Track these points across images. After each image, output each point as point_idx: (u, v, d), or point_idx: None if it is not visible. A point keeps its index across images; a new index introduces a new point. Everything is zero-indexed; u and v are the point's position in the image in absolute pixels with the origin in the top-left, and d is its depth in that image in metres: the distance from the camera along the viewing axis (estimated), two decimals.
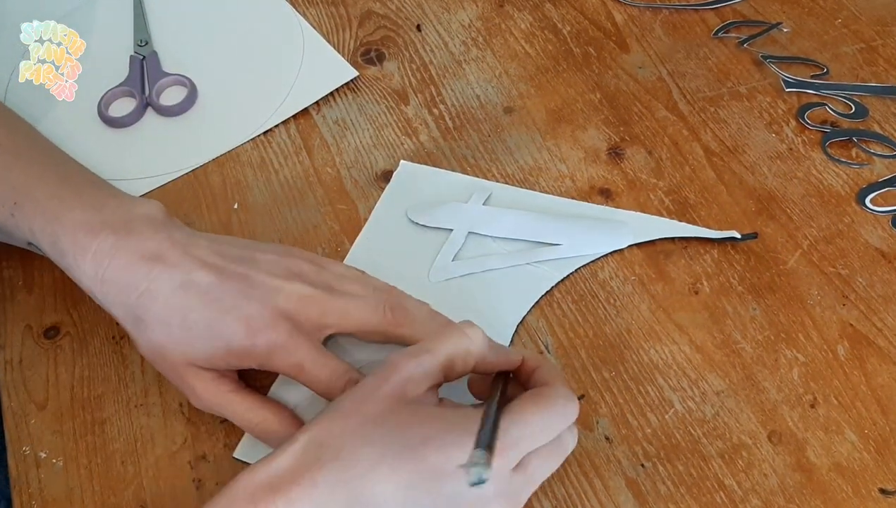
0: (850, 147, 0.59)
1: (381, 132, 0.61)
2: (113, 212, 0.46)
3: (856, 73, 0.62)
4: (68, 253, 0.46)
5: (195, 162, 0.61)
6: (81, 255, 0.45)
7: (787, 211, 0.56)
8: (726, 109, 0.61)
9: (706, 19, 0.67)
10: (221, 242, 0.47)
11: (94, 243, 0.45)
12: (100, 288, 0.45)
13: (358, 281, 0.48)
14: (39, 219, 0.47)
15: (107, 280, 0.45)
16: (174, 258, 0.45)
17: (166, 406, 0.50)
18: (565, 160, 0.59)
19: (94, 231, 0.45)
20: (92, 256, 0.45)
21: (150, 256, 0.45)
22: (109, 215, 0.46)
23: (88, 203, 0.47)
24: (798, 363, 0.50)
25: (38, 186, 0.48)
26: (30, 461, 0.48)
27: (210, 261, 0.45)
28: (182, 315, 0.44)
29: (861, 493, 0.45)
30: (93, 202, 0.47)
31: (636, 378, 0.49)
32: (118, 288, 0.45)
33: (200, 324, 0.44)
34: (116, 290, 0.45)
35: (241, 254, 0.46)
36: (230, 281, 0.44)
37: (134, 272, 0.44)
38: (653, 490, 0.46)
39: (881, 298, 0.52)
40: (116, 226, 0.45)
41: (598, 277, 0.54)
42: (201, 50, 0.67)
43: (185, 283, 0.44)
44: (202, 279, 0.44)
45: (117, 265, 0.45)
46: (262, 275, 0.45)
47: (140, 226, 0.46)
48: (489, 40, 0.67)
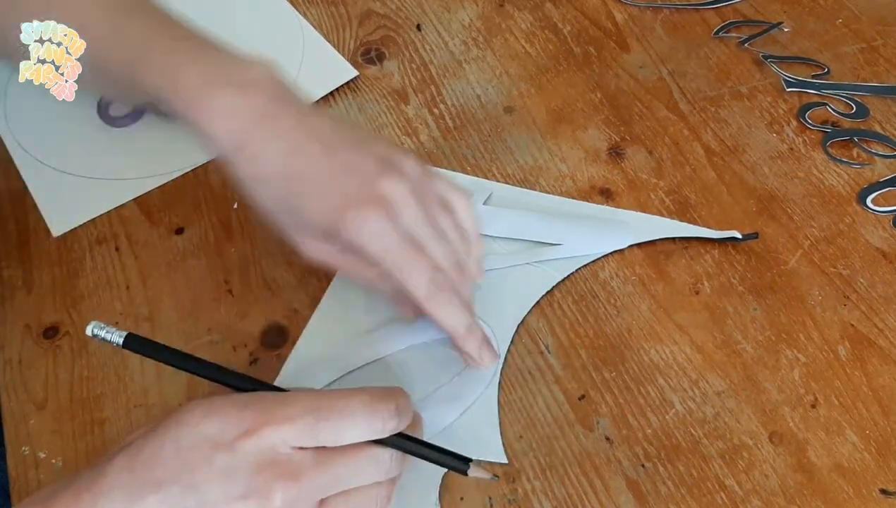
0: (851, 147, 0.59)
1: (382, 132, 0.61)
2: (232, 69, 0.47)
3: (857, 73, 0.62)
4: (188, 109, 0.46)
5: (195, 161, 0.61)
6: (200, 111, 0.46)
7: (788, 211, 0.55)
8: (727, 109, 0.61)
9: (707, 19, 0.67)
10: (333, 119, 0.48)
11: (213, 100, 0.46)
12: (212, 142, 0.46)
13: None
14: (159, 77, 0.47)
15: (220, 136, 0.46)
16: (288, 125, 0.46)
17: (166, 406, 0.50)
18: (566, 160, 0.59)
19: (214, 88, 0.46)
20: (210, 112, 0.46)
21: (266, 118, 0.46)
22: (228, 73, 0.47)
23: (208, 59, 0.48)
24: (799, 363, 0.49)
25: (156, 44, 0.48)
26: (29, 461, 0.48)
27: (321, 135, 0.46)
28: (286, 179, 0.45)
29: (862, 494, 0.45)
30: (211, 59, 0.48)
31: (637, 378, 0.49)
32: (231, 144, 0.46)
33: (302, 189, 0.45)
34: (230, 147, 0.46)
35: (351, 136, 0.47)
36: (336, 157, 0.45)
37: (247, 132, 0.46)
38: (653, 491, 0.46)
39: (882, 298, 0.51)
40: (237, 84, 0.46)
41: (598, 277, 0.54)
42: None
43: (293, 151, 0.45)
44: (310, 150, 0.45)
45: (233, 123, 0.46)
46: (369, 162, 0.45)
47: (259, 86, 0.47)
48: (489, 40, 0.67)
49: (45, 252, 0.57)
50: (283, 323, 0.53)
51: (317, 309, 0.53)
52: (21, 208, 0.59)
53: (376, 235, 0.44)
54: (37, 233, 0.58)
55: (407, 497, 0.45)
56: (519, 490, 0.46)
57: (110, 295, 0.55)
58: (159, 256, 0.56)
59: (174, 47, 0.48)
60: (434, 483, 0.46)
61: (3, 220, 0.59)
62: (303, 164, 0.45)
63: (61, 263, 0.56)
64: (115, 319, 0.53)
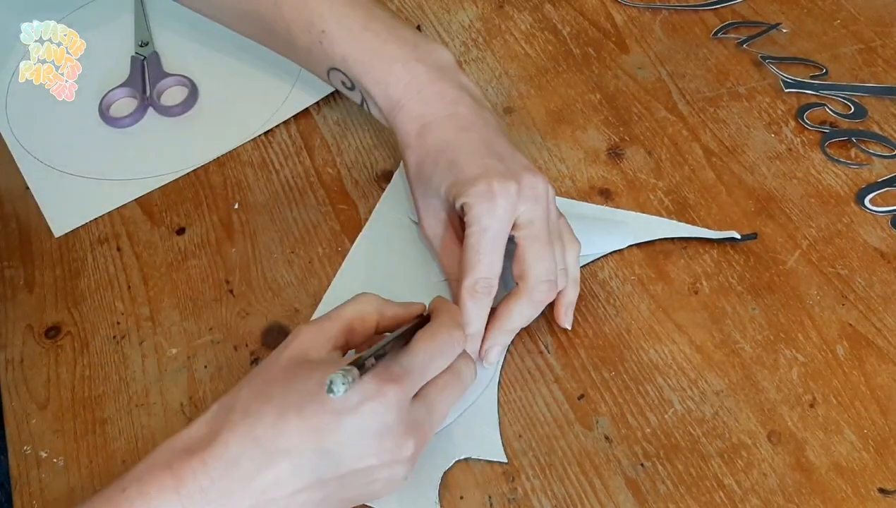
0: (850, 147, 0.59)
1: (382, 132, 0.61)
2: (425, 51, 0.52)
3: (855, 74, 0.62)
4: (381, 80, 0.52)
5: (196, 162, 0.61)
6: (395, 84, 0.51)
7: (787, 211, 0.56)
8: (726, 110, 0.61)
9: (705, 20, 0.67)
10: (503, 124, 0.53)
11: (409, 76, 0.51)
12: (398, 113, 0.51)
13: None
14: (353, 49, 0.52)
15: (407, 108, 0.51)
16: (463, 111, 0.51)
17: (167, 405, 0.50)
18: (565, 160, 0.59)
19: (410, 65, 0.51)
20: (404, 86, 0.51)
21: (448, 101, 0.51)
22: (423, 54, 0.52)
23: (402, 38, 0.52)
24: (797, 363, 0.50)
25: (349, 15, 0.52)
26: (31, 460, 0.49)
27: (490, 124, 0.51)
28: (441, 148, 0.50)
29: (860, 493, 0.45)
30: (405, 38, 0.52)
31: (636, 377, 0.50)
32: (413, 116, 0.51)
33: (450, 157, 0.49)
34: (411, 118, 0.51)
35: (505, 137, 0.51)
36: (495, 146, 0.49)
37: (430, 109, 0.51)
38: (652, 490, 0.46)
39: (880, 298, 0.52)
40: (429, 66, 0.51)
41: (597, 277, 0.54)
42: (202, 50, 0.67)
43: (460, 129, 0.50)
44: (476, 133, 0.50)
45: (421, 99, 0.51)
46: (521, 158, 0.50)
47: (447, 72, 0.52)
48: (489, 41, 0.67)
49: (46, 252, 0.57)
50: (284, 323, 0.53)
51: (317, 309, 0.53)
52: (23, 208, 0.60)
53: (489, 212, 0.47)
54: (38, 234, 0.58)
55: (407, 496, 0.46)
56: (518, 489, 0.46)
57: (112, 295, 0.55)
58: (160, 256, 0.56)
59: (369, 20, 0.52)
60: (434, 483, 0.46)
61: (4, 220, 0.59)
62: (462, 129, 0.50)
63: (63, 263, 0.56)
64: (116, 319, 0.54)
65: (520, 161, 0.49)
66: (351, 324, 0.44)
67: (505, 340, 0.50)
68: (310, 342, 0.42)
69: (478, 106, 0.51)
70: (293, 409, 0.39)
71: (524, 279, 0.48)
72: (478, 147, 0.49)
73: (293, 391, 0.40)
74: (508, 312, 0.48)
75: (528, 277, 0.48)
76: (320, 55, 0.53)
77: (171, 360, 0.52)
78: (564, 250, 0.50)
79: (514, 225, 0.48)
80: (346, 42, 0.52)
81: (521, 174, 0.48)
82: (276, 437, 0.39)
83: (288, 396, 0.40)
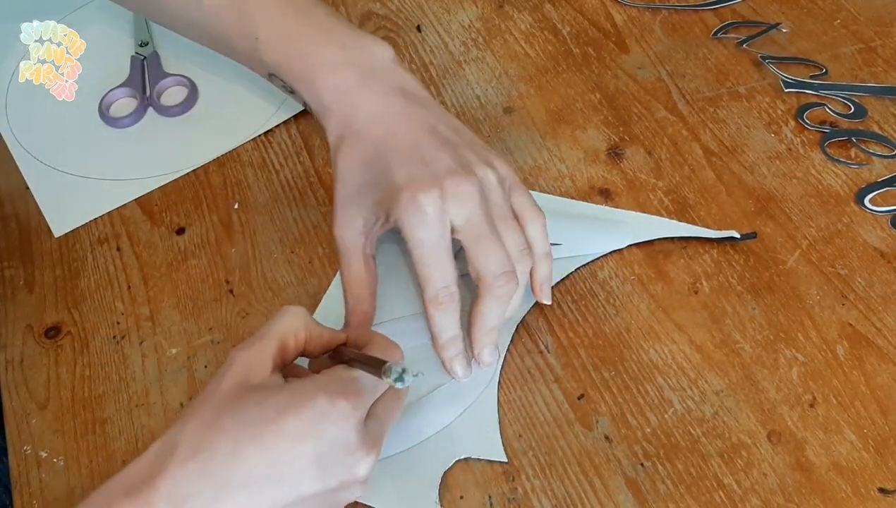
0: (849, 147, 0.59)
1: None
2: (356, 52, 0.51)
3: (855, 74, 0.62)
4: (311, 86, 0.51)
5: (196, 162, 0.61)
6: (322, 89, 0.50)
7: (787, 211, 0.56)
8: (725, 110, 0.61)
9: (705, 20, 0.67)
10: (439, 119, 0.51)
11: (337, 79, 0.50)
12: (327, 117, 0.51)
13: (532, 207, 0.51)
14: (285, 55, 0.52)
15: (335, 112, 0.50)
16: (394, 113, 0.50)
17: (167, 405, 0.50)
18: (565, 160, 0.59)
19: (338, 68, 0.51)
20: (332, 90, 0.50)
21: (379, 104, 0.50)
22: (353, 55, 0.51)
23: (333, 41, 0.52)
24: (797, 363, 0.50)
25: (282, 21, 0.52)
26: (31, 460, 0.49)
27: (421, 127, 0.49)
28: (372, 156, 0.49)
29: (860, 493, 0.45)
30: (336, 40, 0.52)
31: (636, 377, 0.50)
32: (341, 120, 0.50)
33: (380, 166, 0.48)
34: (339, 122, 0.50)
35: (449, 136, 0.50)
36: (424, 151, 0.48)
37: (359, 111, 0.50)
38: (652, 490, 0.46)
39: (880, 298, 0.52)
40: (359, 67, 0.51)
41: (597, 277, 0.54)
42: (202, 50, 0.67)
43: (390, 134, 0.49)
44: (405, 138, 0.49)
45: (349, 102, 0.50)
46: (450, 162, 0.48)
47: (379, 72, 0.51)
48: (489, 41, 0.67)
49: (46, 252, 0.57)
50: None
51: (317, 310, 0.53)
52: (23, 208, 0.60)
53: (420, 225, 0.46)
54: (38, 234, 0.58)
55: (407, 496, 0.46)
56: (518, 488, 0.46)
57: (112, 295, 0.55)
58: (160, 256, 0.56)
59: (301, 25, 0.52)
60: (434, 483, 0.46)
61: (4, 220, 0.59)
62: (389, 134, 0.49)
63: (63, 263, 0.57)
64: (116, 319, 0.54)
65: (444, 162, 0.48)
66: (284, 341, 0.42)
67: (490, 339, 0.49)
68: (249, 367, 0.41)
69: (409, 103, 0.50)
70: (249, 439, 0.38)
71: (480, 279, 0.47)
72: (403, 153, 0.48)
73: (247, 420, 0.38)
74: (480, 314, 0.48)
75: (482, 276, 0.47)
76: (257, 62, 0.53)
77: (171, 360, 0.52)
78: (525, 227, 0.49)
79: (452, 229, 0.47)
80: (279, 49, 0.52)
81: (442, 178, 0.47)
82: (232, 470, 0.37)
83: (243, 426, 0.38)
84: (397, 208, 0.47)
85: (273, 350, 0.42)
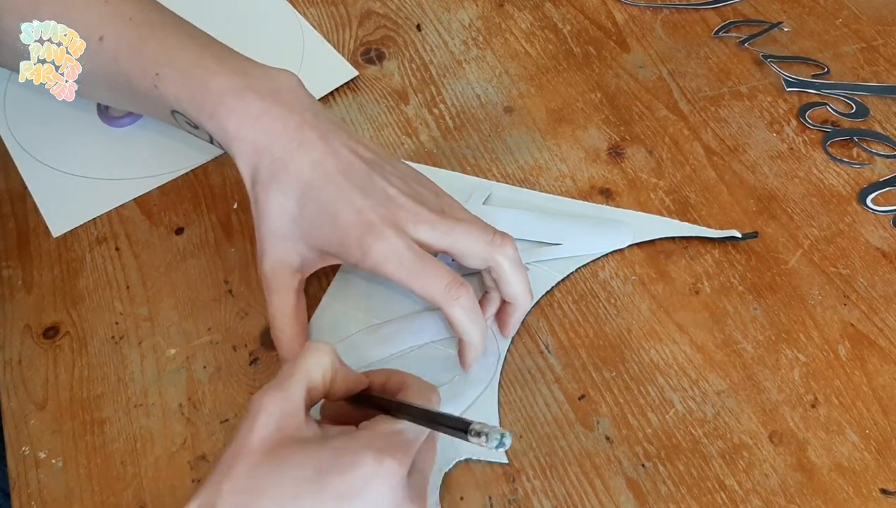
0: (851, 146, 0.59)
1: (382, 132, 0.61)
2: (257, 78, 0.49)
3: (857, 73, 0.62)
4: (215, 114, 0.48)
5: (196, 162, 0.61)
6: (226, 116, 0.47)
7: (788, 210, 0.55)
8: (727, 109, 0.61)
9: (707, 19, 0.67)
10: (357, 141, 0.49)
11: (241, 105, 0.47)
12: (237, 145, 0.48)
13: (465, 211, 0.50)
14: (185, 87, 0.49)
15: (245, 139, 0.47)
16: (312, 138, 0.47)
17: (166, 406, 0.50)
18: (566, 160, 0.59)
19: (240, 94, 0.48)
20: (237, 116, 0.47)
21: (291, 128, 0.47)
22: (254, 81, 0.49)
23: (232, 69, 0.49)
24: (799, 363, 0.49)
25: (180, 56, 0.50)
26: (29, 461, 0.48)
27: (342, 153, 0.47)
28: (303, 190, 0.46)
29: (862, 493, 0.45)
30: (236, 68, 0.49)
31: (637, 378, 0.49)
32: (254, 148, 0.47)
33: (316, 203, 0.46)
34: (252, 150, 0.47)
35: (372, 158, 0.48)
36: (355, 177, 0.47)
37: (272, 139, 0.47)
38: (653, 491, 0.46)
39: (882, 298, 0.51)
40: (263, 92, 0.48)
41: (598, 277, 0.54)
42: None
43: (315, 163, 0.46)
44: (331, 165, 0.46)
45: (259, 128, 0.47)
46: (385, 184, 0.47)
47: (284, 96, 0.48)
48: (489, 40, 0.67)
49: (45, 252, 0.57)
50: None
51: (316, 310, 0.53)
52: (21, 208, 0.59)
53: (386, 257, 0.45)
54: (37, 233, 0.58)
55: None
56: (519, 489, 0.46)
57: (110, 295, 0.55)
58: (159, 256, 0.56)
59: (200, 56, 0.49)
60: (435, 484, 0.46)
61: (3, 220, 0.59)
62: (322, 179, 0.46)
63: (61, 263, 0.56)
64: (114, 319, 0.53)
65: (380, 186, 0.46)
66: (312, 383, 0.40)
67: None
68: (280, 416, 0.38)
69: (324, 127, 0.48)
70: (291, 502, 0.36)
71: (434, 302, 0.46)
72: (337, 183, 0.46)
73: (287, 480, 0.36)
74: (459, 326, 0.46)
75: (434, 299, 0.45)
76: (158, 100, 0.50)
77: (169, 361, 0.52)
78: None
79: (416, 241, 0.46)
80: (178, 81, 0.49)
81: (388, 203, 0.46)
82: None
83: (283, 487, 0.36)
84: (355, 249, 0.45)
85: (302, 393, 0.39)
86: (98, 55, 0.51)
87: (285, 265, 0.48)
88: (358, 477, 0.36)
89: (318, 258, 0.48)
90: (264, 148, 0.47)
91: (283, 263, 0.48)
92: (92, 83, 0.52)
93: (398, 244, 0.45)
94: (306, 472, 0.36)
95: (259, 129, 0.47)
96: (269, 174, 0.47)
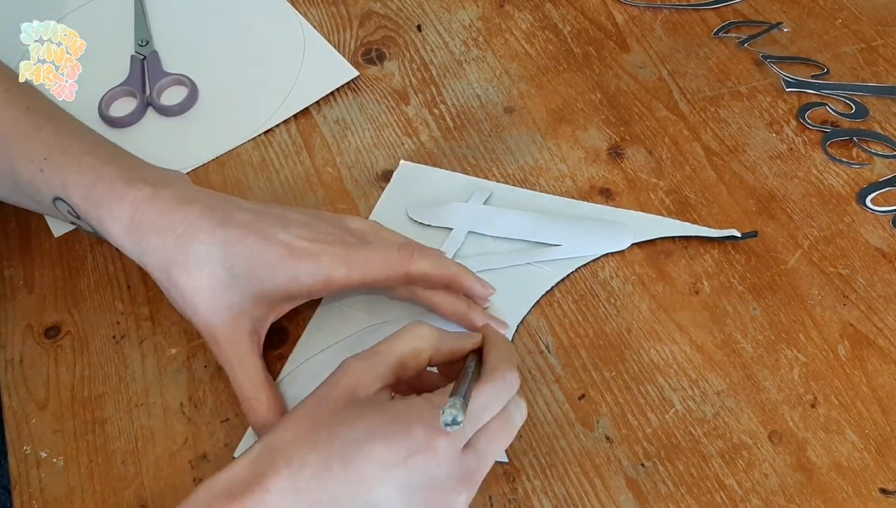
0: (851, 147, 0.59)
1: (382, 132, 0.61)
2: (148, 170, 0.49)
3: (856, 73, 0.62)
4: (103, 202, 0.46)
5: (196, 161, 0.61)
6: (118, 204, 0.46)
7: (788, 210, 0.56)
8: (727, 109, 0.61)
9: (706, 19, 0.67)
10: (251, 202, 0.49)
11: (132, 191, 0.46)
12: (134, 235, 0.46)
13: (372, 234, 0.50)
14: (73, 172, 0.47)
15: (143, 225, 0.46)
16: (210, 204, 0.46)
17: (167, 405, 0.50)
18: (566, 160, 0.59)
19: (131, 181, 0.47)
20: (129, 203, 0.46)
21: (188, 200, 0.46)
22: (145, 172, 0.48)
23: (123, 162, 0.49)
24: (798, 363, 0.50)
25: (73, 144, 0.49)
26: (30, 460, 0.48)
27: (246, 207, 0.47)
28: (224, 250, 0.45)
29: (861, 493, 0.45)
30: (127, 162, 0.49)
31: (636, 377, 0.50)
32: (155, 231, 0.46)
33: (243, 256, 0.45)
34: (153, 234, 0.46)
35: (272, 210, 0.48)
36: (267, 218, 0.47)
37: (172, 215, 0.46)
38: (653, 490, 0.46)
39: (882, 298, 0.52)
40: (153, 181, 0.47)
41: (598, 277, 0.54)
42: (202, 50, 0.67)
43: (224, 221, 0.46)
44: (240, 217, 0.46)
45: (155, 210, 0.46)
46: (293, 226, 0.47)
47: (175, 182, 0.48)
48: (489, 40, 0.67)
49: (46, 251, 0.57)
50: (283, 323, 0.52)
51: (316, 310, 0.53)
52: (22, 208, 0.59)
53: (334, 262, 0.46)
54: (38, 233, 0.58)
55: None
56: (519, 489, 0.46)
57: (111, 295, 0.55)
58: None
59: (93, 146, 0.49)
60: None
61: (4, 220, 0.59)
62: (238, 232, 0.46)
63: (62, 263, 0.56)
64: (115, 319, 0.54)
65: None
66: (403, 361, 0.42)
67: None
68: (358, 379, 0.40)
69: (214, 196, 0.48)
70: (338, 460, 0.37)
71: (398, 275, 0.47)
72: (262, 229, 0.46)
73: (339, 438, 0.38)
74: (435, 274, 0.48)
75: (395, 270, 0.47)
76: (42, 184, 0.48)
77: (170, 360, 0.52)
78: None
79: None
80: (67, 166, 0.47)
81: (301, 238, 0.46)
82: (318, 490, 0.37)
83: (333, 444, 0.38)
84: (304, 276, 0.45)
85: (387, 368, 0.41)
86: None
87: (240, 333, 0.46)
88: (403, 447, 0.37)
89: (268, 310, 0.48)
90: (166, 228, 0.45)
91: (238, 332, 0.46)
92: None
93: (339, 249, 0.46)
94: (356, 434, 0.38)
95: (155, 211, 0.46)
96: (181, 252, 0.45)
